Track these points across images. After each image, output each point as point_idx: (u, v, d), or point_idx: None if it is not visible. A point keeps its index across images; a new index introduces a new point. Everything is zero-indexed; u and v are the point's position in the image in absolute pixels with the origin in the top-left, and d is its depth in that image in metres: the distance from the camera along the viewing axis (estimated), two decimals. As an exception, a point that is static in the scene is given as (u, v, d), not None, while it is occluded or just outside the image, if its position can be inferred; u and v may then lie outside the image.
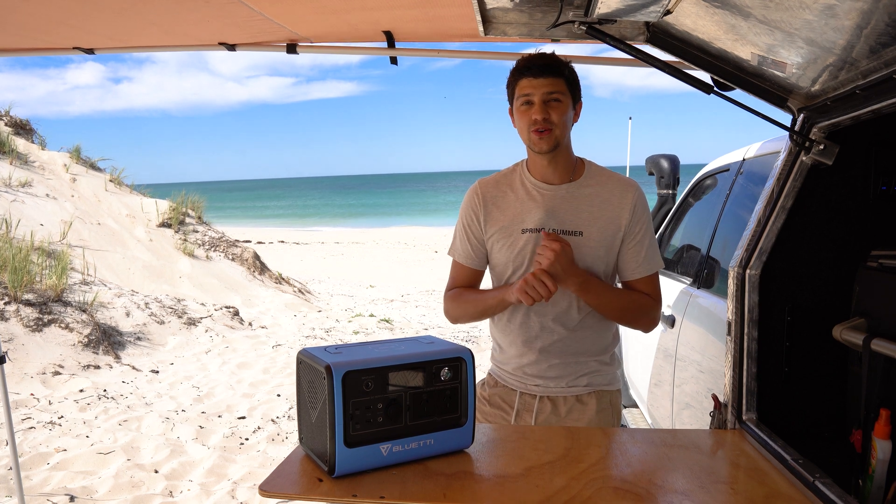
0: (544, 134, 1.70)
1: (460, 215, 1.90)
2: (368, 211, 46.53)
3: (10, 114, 11.28)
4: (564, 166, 1.79)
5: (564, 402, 1.82)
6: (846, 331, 1.71)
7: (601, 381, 1.84)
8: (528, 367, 1.83)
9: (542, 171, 1.80)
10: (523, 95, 1.72)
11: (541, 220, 1.77)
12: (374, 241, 21.20)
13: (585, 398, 1.82)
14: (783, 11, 1.26)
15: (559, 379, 1.82)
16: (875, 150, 1.75)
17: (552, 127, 1.70)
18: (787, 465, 1.38)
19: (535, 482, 1.33)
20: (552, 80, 1.70)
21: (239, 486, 3.45)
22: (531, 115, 1.71)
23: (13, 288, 5.71)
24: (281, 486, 1.33)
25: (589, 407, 1.82)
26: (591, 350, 1.82)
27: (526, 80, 1.71)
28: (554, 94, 1.70)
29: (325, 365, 1.29)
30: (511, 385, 1.88)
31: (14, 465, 2.82)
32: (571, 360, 1.81)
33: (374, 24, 2.16)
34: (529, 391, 1.84)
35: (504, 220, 1.81)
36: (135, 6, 1.95)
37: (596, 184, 1.80)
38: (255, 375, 5.56)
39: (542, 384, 1.83)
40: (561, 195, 1.78)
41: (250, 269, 9.37)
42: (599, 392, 1.84)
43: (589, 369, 1.82)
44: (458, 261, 1.90)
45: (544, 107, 1.70)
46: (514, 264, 1.80)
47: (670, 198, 4.30)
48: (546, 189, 1.79)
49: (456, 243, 1.91)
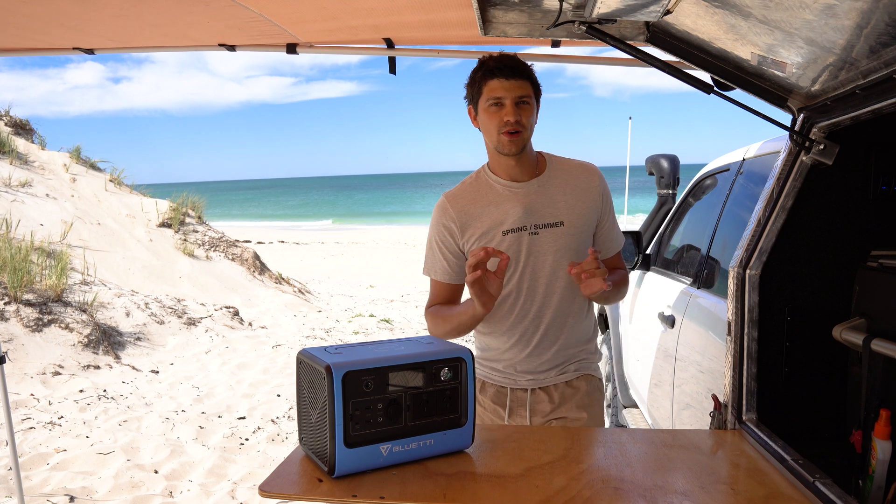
0: (514, 136, 1.71)
1: (431, 233, 1.87)
2: (368, 211, 46.55)
3: (10, 114, 11.29)
4: (529, 163, 1.81)
5: (556, 388, 1.86)
6: (846, 331, 1.71)
7: (587, 367, 1.90)
8: (521, 363, 1.84)
9: (508, 171, 1.81)
10: (494, 97, 1.71)
11: (520, 217, 1.78)
12: (374, 241, 21.20)
13: (575, 382, 1.87)
14: (783, 11, 1.26)
15: (550, 370, 1.85)
16: (875, 150, 1.75)
17: (522, 130, 1.71)
18: (787, 465, 1.38)
19: (535, 482, 1.33)
20: (522, 83, 1.70)
21: (239, 487, 3.45)
22: (502, 117, 1.70)
23: (13, 288, 5.71)
24: (281, 486, 1.32)
25: (580, 390, 1.87)
26: (579, 340, 1.87)
27: (497, 81, 1.70)
28: (524, 97, 1.71)
29: (325, 365, 1.29)
30: (500, 383, 1.89)
31: (14, 466, 2.82)
32: (562, 351, 1.85)
33: (374, 30, 2.16)
34: (520, 386, 1.86)
35: (483, 227, 1.80)
36: (134, 9, 1.95)
37: (562, 174, 1.84)
38: (255, 375, 5.56)
39: (534, 377, 1.85)
40: (534, 190, 1.80)
41: (250, 269, 9.37)
42: (588, 376, 1.90)
43: (577, 357, 1.88)
44: (437, 280, 1.88)
45: (516, 109, 1.70)
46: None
47: (670, 198, 4.30)
48: (517, 187, 1.80)
49: (431, 262, 1.89)
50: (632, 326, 3.56)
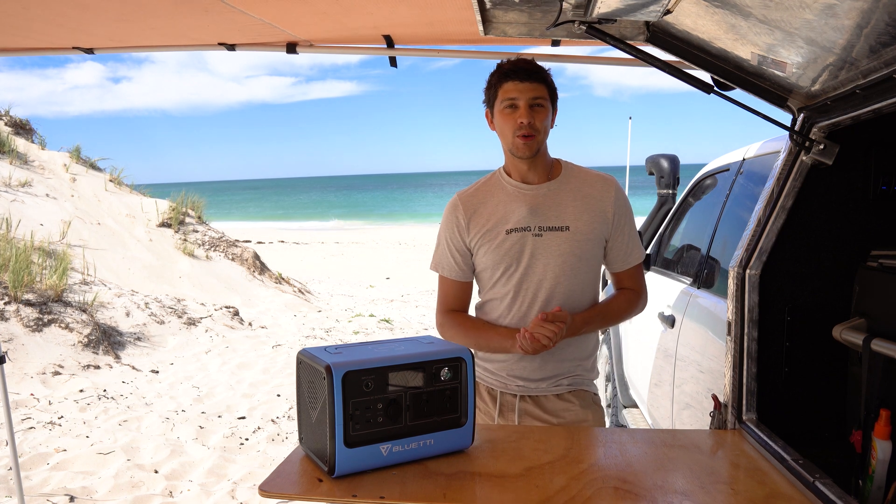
0: (528, 139, 1.72)
1: (441, 230, 1.89)
2: (368, 211, 46.53)
3: (10, 114, 11.29)
4: (543, 167, 1.82)
5: (546, 400, 1.84)
6: (846, 331, 1.70)
7: (581, 383, 1.87)
8: (515, 368, 1.83)
9: (522, 173, 1.82)
10: (508, 99, 1.72)
11: (524, 218, 1.78)
12: (374, 241, 21.20)
13: (567, 396, 1.85)
14: (783, 11, 1.26)
15: (542, 381, 1.83)
16: (875, 150, 1.75)
17: (536, 133, 1.72)
18: (787, 465, 1.38)
19: (535, 482, 1.33)
20: (536, 86, 1.71)
21: (239, 487, 3.45)
22: (516, 119, 1.72)
23: (13, 288, 5.71)
24: (281, 486, 1.33)
25: (573, 404, 1.84)
26: (576, 355, 1.85)
27: (511, 83, 1.72)
28: (538, 99, 1.72)
29: (325, 365, 1.29)
30: (491, 384, 1.88)
31: (14, 466, 2.82)
32: (557, 363, 1.82)
33: (374, 28, 2.16)
34: (510, 391, 1.85)
35: (488, 224, 1.81)
36: (134, 15, 1.96)
37: (576, 180, 1.83)
38: (255, 375, 5.56)
39: (524, 385, 1.84)
40: (543, 193, 1.80)
41: (250, 269, 9.37)
42: (581, 391, 1.86)
43: (572, 372, 1.85)
44: (444, 275, 1.89)
45: (529, 111, 1.71)
46: (504, 264, 1.80)
47: (670, 198, 4.30)
48: (527, 189, 1.81)
49: (439, 258, 1.90)
50: (632, 326, 3.56)
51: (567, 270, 1.77)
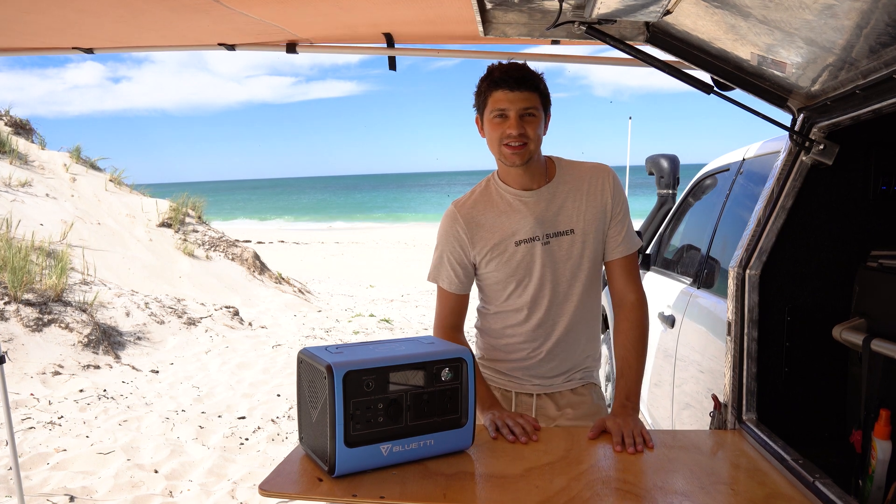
0: (518, 149, 1.68)
1: (440, 242, 1.84)
2: (368, 211, 46.53)
3: (10, 113, 11.28)
4: (538, 171, 1.78)
5: (561, 396, 1.85)
6: (846, 331, 1.71)
7: (591, 376, 1.89)
8: (532, 367, 1.83)
9: (517, 179, 1.78)
10: (498, 109, 1.67)
11: (532, 228, 1.76)
12: (374, 241, 21.20)
13: (581, 390, 1.86)
14: (783, 11, 1.26)
15: (557, 377, 1.84)
16: (875, 150, 1.75)
17: (527, 142, 1.68)
18: (787, 465, 1.38)
19: (535, 483, 1.33)
20: (527, 95, 1.65)
21: (239, 486, 3.45)
22: (505, 129, 1.67)
23: (13, 288, 5.71)
24: (281, 485, 1.33)
25: (586, 397, 1.86)
26: (587, 350, 1.86)
27: (501, 92, 1.66)
28: (529, 108, 1.66)
29: (325, 364, 1.29)
30: (505, 387, 1.87)
31: (14, 465, 2.82)
32: (571, 359, 1.84)
33: (374, 25, 2.16)
34: (526, 391, 1.85)
35: (494, 238, 1.78)
36: (134, 18, 1.96)
37: (572, 178, 1.80)
38: (255, 375, 5.56)
39: (540, 383, 1.84)
40: (544, 198, 1.78)
41: (250, 268, 9.37)
42: (591, 384, 1.89)
43: (583, 365, 1.86)
44: (443, 287, 1.85)
45: (520, 121, 1.66)
46: (516, 277, 1.78)
47: (670, 198, 4.30)
48: (527, 196, 1.77)
49: (437, 269, 1.86)
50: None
51: (578, 273, 1.77)
